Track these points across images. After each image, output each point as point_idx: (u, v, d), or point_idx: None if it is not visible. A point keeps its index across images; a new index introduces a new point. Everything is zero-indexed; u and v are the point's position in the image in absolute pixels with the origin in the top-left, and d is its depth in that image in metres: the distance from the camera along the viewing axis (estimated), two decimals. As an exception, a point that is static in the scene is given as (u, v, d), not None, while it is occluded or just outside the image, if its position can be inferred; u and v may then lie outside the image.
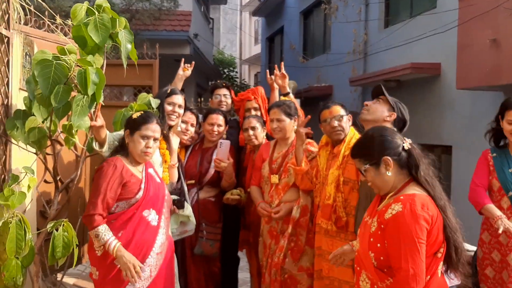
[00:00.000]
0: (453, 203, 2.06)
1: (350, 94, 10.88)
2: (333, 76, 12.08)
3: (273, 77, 3.99)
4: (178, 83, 3.81)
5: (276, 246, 3.39)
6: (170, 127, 3.40)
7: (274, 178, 3.46)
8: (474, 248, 3.39)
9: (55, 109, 2.48)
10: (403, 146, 2.11)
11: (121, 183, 2.72)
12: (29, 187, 2.88)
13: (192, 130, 3.71)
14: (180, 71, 3.87)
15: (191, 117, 3.68)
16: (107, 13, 2.49)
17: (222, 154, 3.62)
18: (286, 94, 3.84)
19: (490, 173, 3.21)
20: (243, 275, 4.19)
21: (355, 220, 2.98)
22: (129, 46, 2.60)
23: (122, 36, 2.56)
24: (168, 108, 3.34)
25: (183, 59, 4.02)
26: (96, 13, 2.47)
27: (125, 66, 2.66)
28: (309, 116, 3.41)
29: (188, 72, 3.89)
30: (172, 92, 3.40)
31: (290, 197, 3.41)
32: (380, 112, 2.89)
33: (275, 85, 4.01)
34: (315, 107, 3.83)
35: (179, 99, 3.40)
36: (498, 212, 2.97)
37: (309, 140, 3.51)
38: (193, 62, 4.04)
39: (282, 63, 3.86)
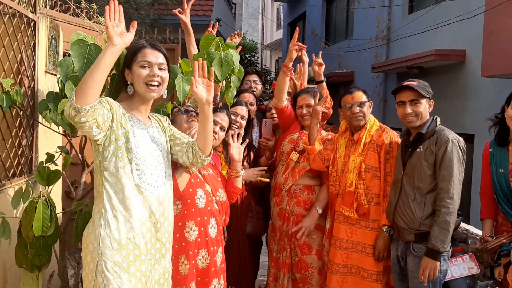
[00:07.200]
0: (473, 194, 2.06)
1: (372, 80, 10.77)
2: (354, 62, 11.95)
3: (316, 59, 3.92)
4: None
5: (287, 228, 3.37)
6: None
7: (294, 155, 3.43)
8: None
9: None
10: None
11: None
12: (64, 165, 2.96)
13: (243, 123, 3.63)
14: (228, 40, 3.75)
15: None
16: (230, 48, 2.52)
17: (267, 133, 3.71)
18: (320, 82, 3.82)
19: None
20: (262, 258, 4.24)
21: None
22: (235, 91, 2.66)
23: (233, 81, 2.60)
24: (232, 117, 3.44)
25: (217, 22, 3.88)
26: (223, 52, 2.47)
27: (229, 103, 2.72)
28: (328, 96, 3.41)
29: (237, 40, 3.71)
30: (237, 103, 3.44)
31: (303, 181, 3.41)
32: (425, 111, 2.85)
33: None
34: (336, 94, 3.81)
35: (242, 110, 3.45)
36: (484, 233, 2.95)
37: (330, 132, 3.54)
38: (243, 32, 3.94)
39: (320, 52, 3.85)
